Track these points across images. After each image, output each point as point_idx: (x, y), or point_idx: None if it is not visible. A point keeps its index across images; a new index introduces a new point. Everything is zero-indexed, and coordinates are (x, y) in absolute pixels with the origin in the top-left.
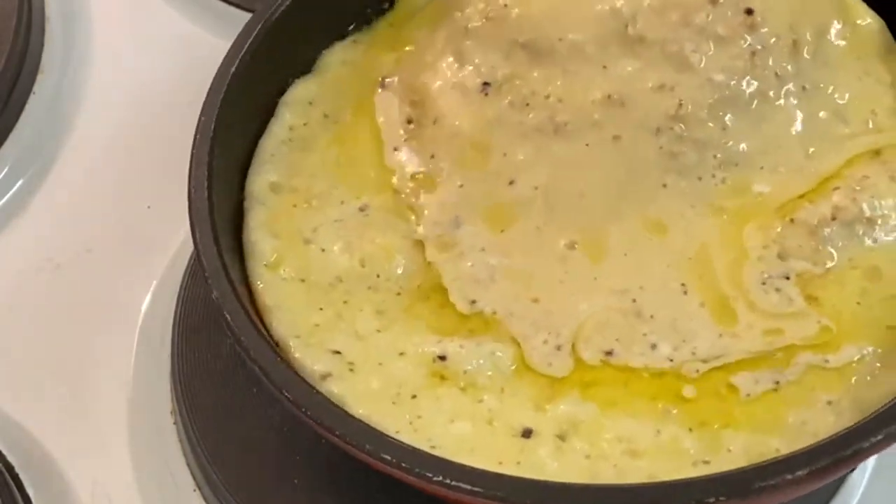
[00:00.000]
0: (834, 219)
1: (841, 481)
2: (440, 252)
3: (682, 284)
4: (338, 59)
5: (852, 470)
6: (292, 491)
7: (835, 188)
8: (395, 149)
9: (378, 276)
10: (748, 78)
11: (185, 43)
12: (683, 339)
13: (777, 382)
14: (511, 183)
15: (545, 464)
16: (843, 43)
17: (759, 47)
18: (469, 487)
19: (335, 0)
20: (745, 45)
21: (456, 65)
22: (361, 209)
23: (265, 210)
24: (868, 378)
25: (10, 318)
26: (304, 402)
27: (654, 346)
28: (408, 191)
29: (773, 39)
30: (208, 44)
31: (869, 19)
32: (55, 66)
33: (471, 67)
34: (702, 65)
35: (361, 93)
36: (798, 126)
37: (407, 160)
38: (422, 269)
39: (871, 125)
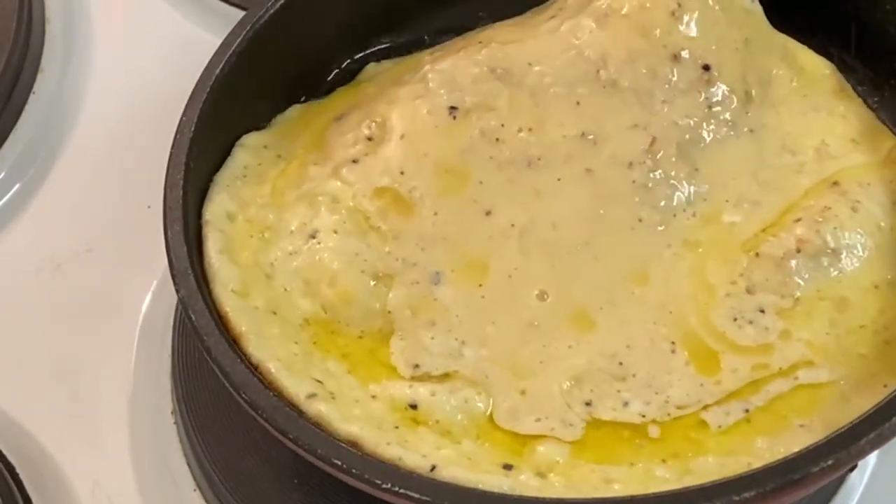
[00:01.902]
0: (799, 251)
1: (841, 481)
2: (413, 315)
3: (672, 343)
4: (294, 114)
5: (851, 470)
6: (292, 491)
7: (797, 220)
8: (354, 161)
9: (339, 321)
10: (706, 123)
11: (185, 43)
12: (657, 392)
13: (747, 411)
14: (488, 213)
15: (528, 485)
16: (790, 85)
17: (715, 99)
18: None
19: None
20: (702, 98)
21: (421, 89)
22: (312, 235)
23: (223, 237)
24: (841, 400)
25: (10, 318)
26: (261, 404)
27: (626, 404)
28: (373, 209)
29: (727, 90)
30: (208, 44)
31: (815, 63)
32: (55, 66)
33: (441, 93)
34: (668, 110)
35: (315, 131)
36: (750, 161)
37: (368, 173)
38: (382, 311)
39: (821, 154)
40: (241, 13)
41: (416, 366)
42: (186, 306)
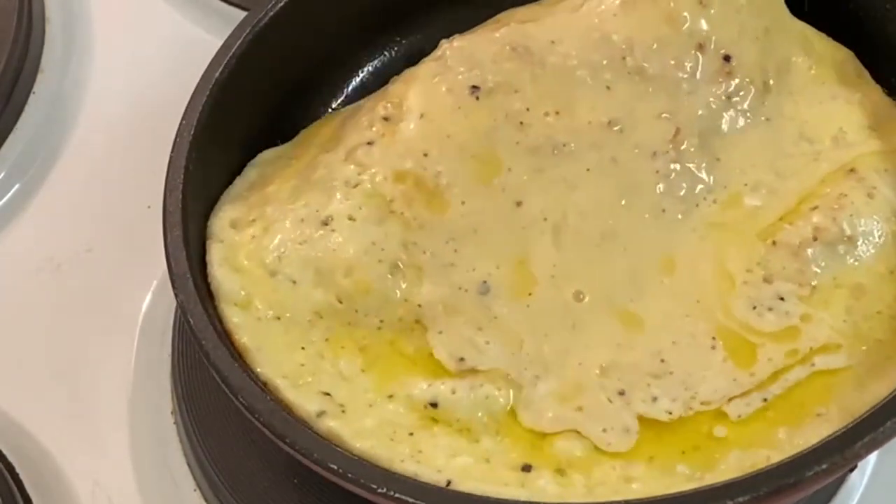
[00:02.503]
0: (815, 239)
1: (840, 482)
2: (449, 314)
3: (713, 338)
4: (315, 125)
5: (851, 471)
6: (292, 491)
7: (813, 208)
8: (370, 143)
9: (356, 311)
10: (725, 112)
11: (185, 43)
12: (687, 388)
13: (765, 400)
14: (519, 204)
15: (546, 489)
16: (807, 73)
17: (734, 89)
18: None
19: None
20: (722, 88)
21: (439, 67)
22: (325, 223)
23: (224, 246)
24: (857, 387)
25: (10, 318)
26: (259, 408)
27: (655, 399)
28: (396, 193)
29: (746, 80)
30: (208, 44)
31: (833, 50)
32: (55, 66)
33: (461, 70)
34: (691, 100)
35: (332, 128)
36: (767, 150)
37: (388, 155)
38: (402, 301)
39: (838, 142)
40: (243, 13)
41: (462, 359)
42: (185, 311)
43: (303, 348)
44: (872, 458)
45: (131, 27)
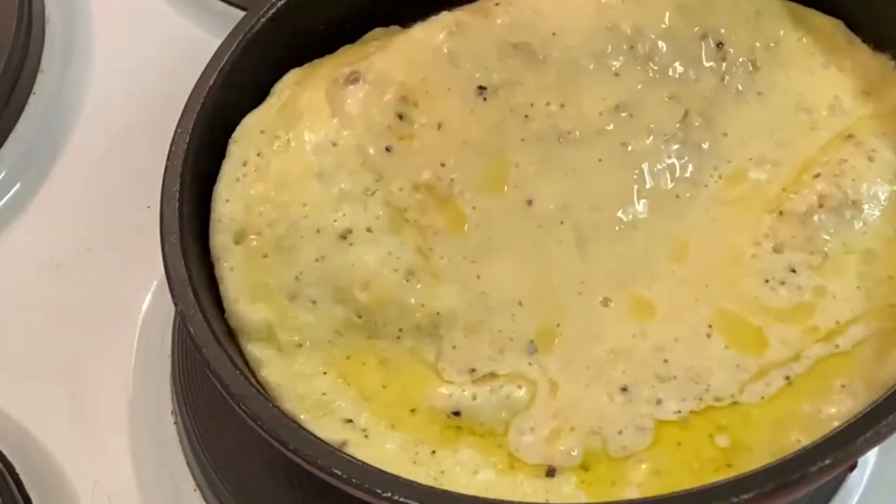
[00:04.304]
0: (821, 206)
1: (840, 481)
2: (467, 335)
3: (709, 326)
4: (292, 79)
5: (851, 469)
6: (292, 491)
7: (816, 175)
8: (388, 149)
9: (376, 322)
10: (722, 91)
11: (185, 43)
12: (696, 382)
13: (787, 378)
14: (529, 203)
15: (572, 496)
16: (798, 44)
17: (729, 68)
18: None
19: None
20: (721, 69)
21: (444, 61)
22: (343, 236)
23: (235, 276)
24: (877, 357)
25: (10, 318)
26: (261, 415)
27: (658, 402)
28: (412, 203)
29: (739, 59)
30: (208, 44)
31: (821, 21)
32: (55, 66)
33: (468, 67)
34: (696, 84)
35: (317, 94)
36: (765, 123)
37: (407, 165)
38: (418, 306)
39: (834, 110)
40: (242, 13)
41: (473, 370)
42: (185, 319)
43: (324, 373)
44: (872, 457)
45: (131, 27)
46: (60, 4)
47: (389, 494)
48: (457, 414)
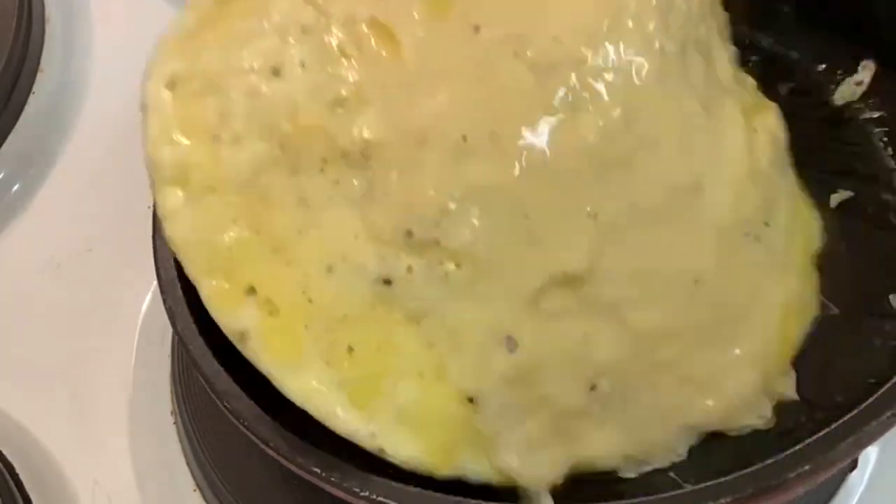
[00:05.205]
0: None
1: (840, 481)
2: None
3: None
4: None
5: (851, 469)
6: (292, 491)
7: None
8: None
9: (299, 154)
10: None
11: None
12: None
13: None
14: (477, 29)
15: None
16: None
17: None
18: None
19: None
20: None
21: None
22: (275, 72)
23: (160, 118)
24: None
25: (10, 318)
26: (244, 413)
27: None
28: (351, 35)
29: None
30: None
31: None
32: (55, 66)
33: None
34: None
35: None
36: None
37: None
38: (344, 130)
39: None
40: None
41: (409, 233)
42: (173, 316)
43: (234, 221)
44: (872, 457)
45: (131, 27)
46: (60, 4)
47: (367, 493)
48: (388, 282)
